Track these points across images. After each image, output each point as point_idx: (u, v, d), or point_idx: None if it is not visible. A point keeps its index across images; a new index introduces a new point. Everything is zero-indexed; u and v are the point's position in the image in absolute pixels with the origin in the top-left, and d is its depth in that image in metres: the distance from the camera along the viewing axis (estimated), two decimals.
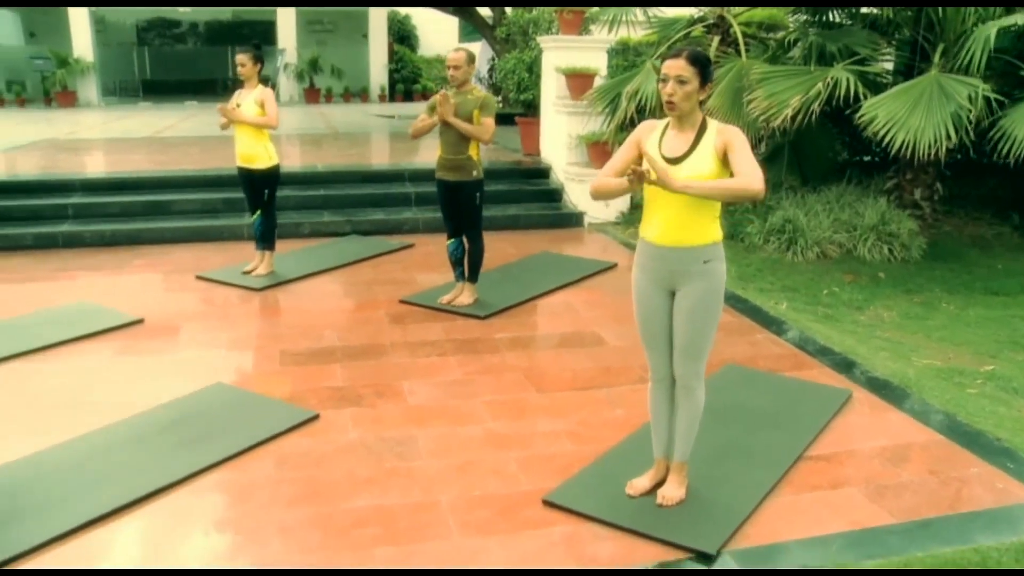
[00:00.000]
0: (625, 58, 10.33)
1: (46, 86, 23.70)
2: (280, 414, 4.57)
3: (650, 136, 3.49)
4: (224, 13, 27.95)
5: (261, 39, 27.59)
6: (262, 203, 7.11)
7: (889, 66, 9.89)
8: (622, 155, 3.54)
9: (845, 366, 5.48)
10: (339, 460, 4.12)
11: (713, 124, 3.40)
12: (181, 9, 26.46)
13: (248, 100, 6.94)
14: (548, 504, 3.70)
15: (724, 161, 3.31)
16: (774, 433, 4.37)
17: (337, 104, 25.07)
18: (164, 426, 4.44)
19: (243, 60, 6.98)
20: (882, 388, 5.11)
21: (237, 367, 5.38)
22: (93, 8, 24.02)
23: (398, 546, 3.42)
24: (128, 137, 14.36)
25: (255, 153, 6.99)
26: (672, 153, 3.40)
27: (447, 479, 3.95)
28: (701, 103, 3.37)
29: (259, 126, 6.87)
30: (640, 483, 3.77)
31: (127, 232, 8.61)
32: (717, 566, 3.30)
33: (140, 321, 6.16)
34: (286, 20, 25.57)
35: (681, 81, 3.28)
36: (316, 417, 4.56)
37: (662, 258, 3.48)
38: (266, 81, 7.20)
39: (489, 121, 6.05)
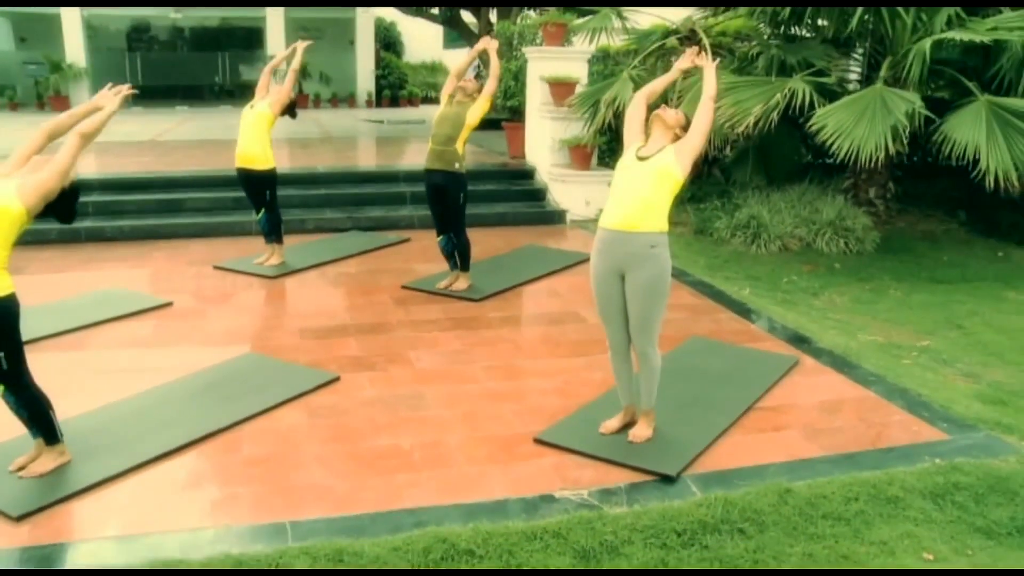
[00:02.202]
0: (605, 65, 11.08)
1: (39, 90, 24.25)
2: (306, 376, 5.32)
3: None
4: (213, 19, 28.51)
5: (251, 45, 28.33)
6: (264, 203, 7.80)
7: (854, 76, 10.70)
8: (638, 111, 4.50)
9: (796, 340, 6.26)
10: (360, 411, 4.87)
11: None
12: (172, 15, 26.99)
13: (262, 102, 7.67)
14: (539, 442, 4.47)
15: (679, 159, 4.15)
16: (729, 389, 5.15)
17: (325, 109, 25.68)
18: (206, 386, 5.18)
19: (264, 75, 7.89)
20: (826, 356, 5.90)
21: (263, 341, 6.12)
22: (85, 14, 24.58)
23: (415, 472, 4.17)
24: (131, 140, 14.99)
25: (255, 154, 7.65)
26: (645, 152, 4.21)
27: (453, 424, 4.71)
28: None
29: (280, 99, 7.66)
30: (611, 424, 4.54)
31: (144, 228, 9.30)
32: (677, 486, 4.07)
33: (170, 304, 6.87)
34: (275, 26, 26.14)
35: (679, 126, 4.38)
36: (337, 379, 5.31)
37: (615, 241, 4.24)
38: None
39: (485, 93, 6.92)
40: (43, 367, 4.14)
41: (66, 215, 4.07)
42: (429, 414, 4.85)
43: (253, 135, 7.61)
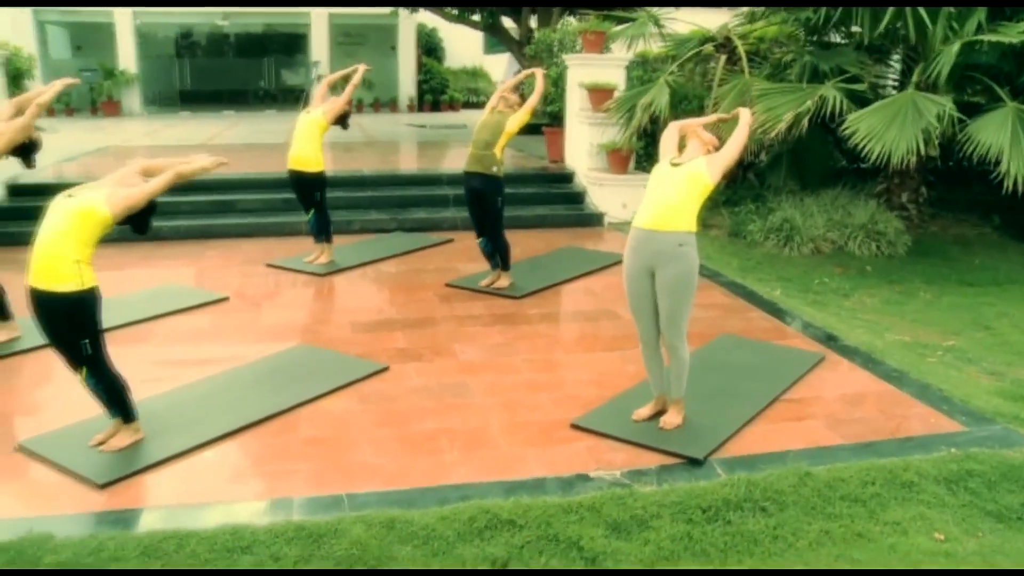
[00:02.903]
0: (644, 71, 11.35)
1: (93, 96, 24.99)
2: (357, 366, 5.67)
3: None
4: (258, 25, 29.12)
5: (295, 51, 28.88)
6: (313, 203, 8.19)
7: (892, 83, 10.88)
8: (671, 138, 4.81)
9: (824, 338, 6.50)
10: (409, 398, 5.21)
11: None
12: (218, 21, 27.62)
13: (316, 109, 8.07)
14: (575, 427, 4.78)
15: (710, 167, 4.47)
16: (756, 382, 5.42)
17: (368, 114, 26.18)
18: (265, 373, 5.55)
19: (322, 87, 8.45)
20: (852, 354, 6.14)
21: (315, 333, 6.49)
22: (137, 23, 25.29)
23: (460, 452, 4.50)
24: (183, 144, 15.49)
25: (306, 157, 8.05)
26: (680, 161, 4.54)
27: (495, 411, 5.03)
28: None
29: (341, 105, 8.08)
30: (642, 412, 4.84)
31: (199, 227, 9.74)
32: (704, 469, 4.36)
33: (226, 298, 7.27)
34: (319, 33, 26.69)
35: (713, 144, 4.70)
36: (386, 368, 5.66)
37: (646, 240, 4.55)
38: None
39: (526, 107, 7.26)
40: (112, 356, 4.50)
41: (142, 228, 4.44)
42: (472, 401, 5.18)
43: (306, 139, 7.99)
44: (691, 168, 4.49)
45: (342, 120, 8.17)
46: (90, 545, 3.58)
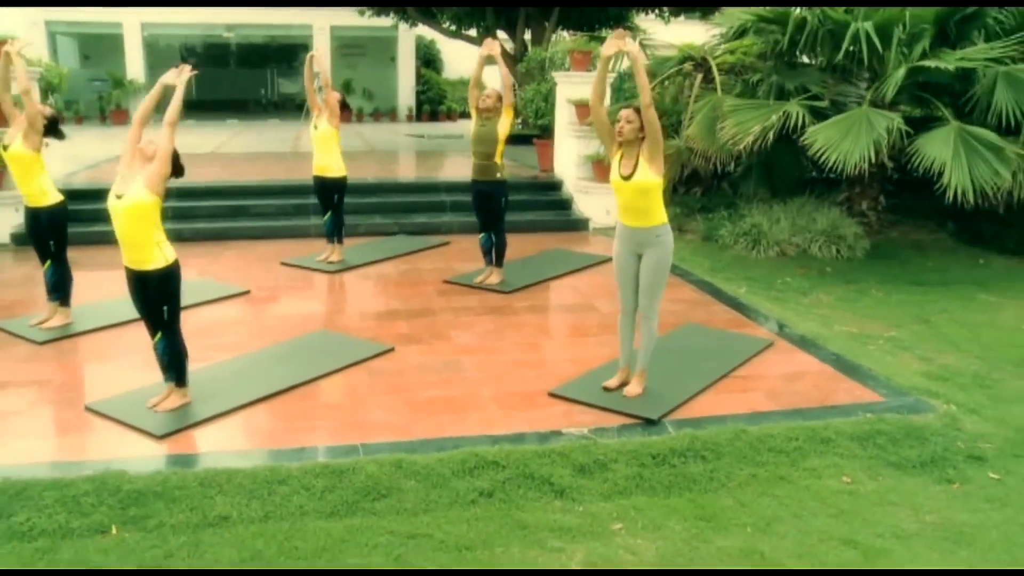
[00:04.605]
0: (629, 82, 12.23)
1: (102, 105, 25.89)
2: (366, 347, 6.56)
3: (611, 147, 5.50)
4: (261, 36, 29.98)
5: (297, 61, 29.73)
6: (332, 205, 9.10)
7: (853, 100, 11.77)
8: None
9: (777, 328, 7.39)
10: (412, 372, 6.11)
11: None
12: (224, 33, 28.50)
13: (323, 121, 8.95)
14: (552, 395, 5.68)
15: (652, 168, 5.27)
16: (710, 362, 6.32)
17: (368, 123, 27.06)
18: (287, 353, 6.43)
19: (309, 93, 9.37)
20: (799, 340, 7.03)
21: (329, 321, 7.40)
22: (144, 34, 26.18)
23: (456, 414, 5.39)
24: (195, 152, 16.37)
25: (329, 165, 8.99)
26: (625, 172, 5.38)
27: (486, 382, 5.93)
28: (641, 139, 5.33)
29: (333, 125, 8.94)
30: (610, 382, 5.74)
31: (216, 230, 10.62)
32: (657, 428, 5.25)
33: (247, 292, 8.15)
34: (321, 44, 27.51)
35: (628, 121, 5.28)
36: (392, 349, 6.55)
37: (631, 234, 5.47)
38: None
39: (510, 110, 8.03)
40: (150, 343, 5.39)
41: (180, 172, 5.28)
42: (466, 375, 6.08)
43: (325, 151, 8.93)
44: (641, 180, 5.33)
45: (343, 107, 9.09)
46: (157, 479, 4.46)
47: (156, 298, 5.19)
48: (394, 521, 4.24)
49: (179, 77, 5.26)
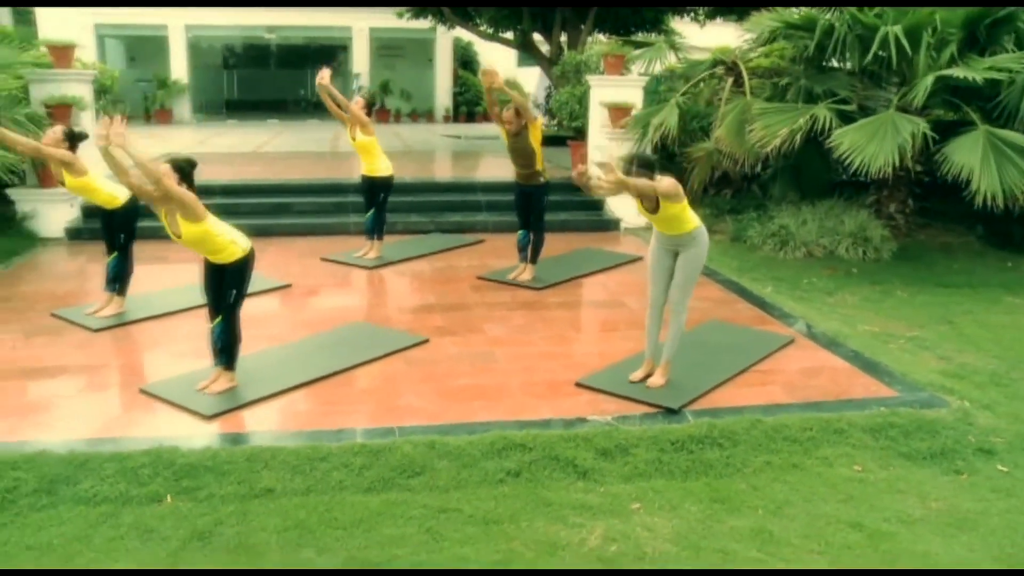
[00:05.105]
0: (668, 86, 12.48)
1: (147, 105, 26.53)
2: (402, 338, 6.88)
3: None
4: (301, 38, 30.49)
5: (338, 64, 30.25)
6: (377, 203, 9.46)
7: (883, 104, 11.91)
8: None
9: (800, 326, 7.61)
10: (446, 362, 6.42)
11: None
12: (266, 35, 29.04)
13: (359, 133, 9.29)
14: (579, 385, 5.97)
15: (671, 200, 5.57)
16: (731, 356, 6.56)
17: (405, 124, 27.47)
18: (327, 343, 6.77)
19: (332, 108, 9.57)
20: (820, 338, 7.24)
21: (368, 313, 7.75)
22: (189, 35, 26.79)
23: (487, 401, 5.69)
24: (236, 152, 16.86)
25: (375, 167, 9.38)
26: (648, 205, 5.66)
27: (516, 373, 6.23)
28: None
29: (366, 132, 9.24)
30: (635, 374, 6.01)
31: (259, 226, 10.92)
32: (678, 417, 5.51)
33: (289, 285, 8.51)
34: (360, 46, 28.00)
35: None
36: (427, 340, 6.87)
37: (668, 239, 5.79)
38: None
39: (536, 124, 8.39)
40: (198, 331, 5.75)
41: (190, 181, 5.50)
42: (497, 366, 6.38)
43: (368, 157, 9.35)
44: (664, 211, 5.62)
45: (369, 109, 9.41)
46: (207, 454, 4.81)
47: (229, 282, 5.62)
48: (427, 496, 4.55)
49: (112, 135, 5.36)
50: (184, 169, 5.32)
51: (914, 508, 4.67)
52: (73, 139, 7.13)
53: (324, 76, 9.13)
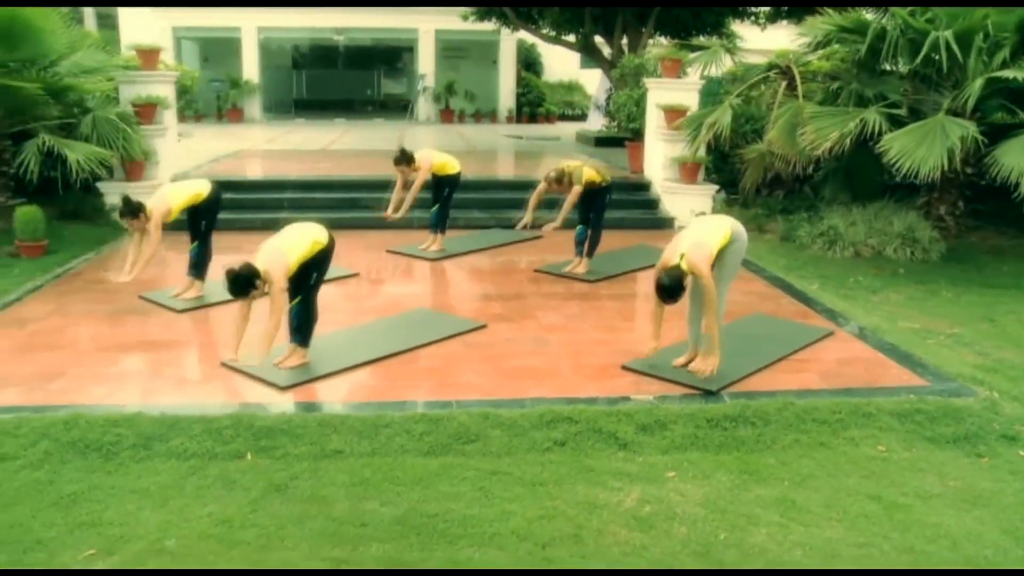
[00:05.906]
0: (727, 89, 12.83)
1: (219, 104, 27.49)
2: (462, 323, 7.39)
3: None
4: (369, 39, 31.21)
5: (402, 63, 30.90)
6: (441, 198, 10.00)
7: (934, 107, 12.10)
8: None
9: (840, 320, 7.93)
10: (502, 345, 6.91)
11: None
12: (335, 36, 29.82)
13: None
14: (625, 368, 6.40)
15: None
16: (771, 346, 6.93)
17: (468, 124, 28.01)
18: (391, 326, 7.31)
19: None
20: (859, 332, 7.56)
21: (430, 301, 8.29)
22: (260, 37, 27.68)
23: (538, 380, 6.17)
24: (305, 149, 17.57)
25: (443, 165, 10.01)
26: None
27: (567, 356, 6.69)
28: None
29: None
30: (679, 360, 6.43)
31: (328, 219, 11.29)
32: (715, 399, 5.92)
33: (356, 274, 9.07)
34: (426, 47, 28.64)
35: None
36: (485, 326, 7.37)
37: None
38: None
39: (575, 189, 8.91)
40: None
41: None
42: (549, 350, 6.85)
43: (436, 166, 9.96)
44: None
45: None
46: (282, 419, 5.36)
47: (310, 265, 6.24)
48: (480, 461, 5.04)
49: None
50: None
51: (932, 485, 5.02)
52: (138, 211, 7.55)
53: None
